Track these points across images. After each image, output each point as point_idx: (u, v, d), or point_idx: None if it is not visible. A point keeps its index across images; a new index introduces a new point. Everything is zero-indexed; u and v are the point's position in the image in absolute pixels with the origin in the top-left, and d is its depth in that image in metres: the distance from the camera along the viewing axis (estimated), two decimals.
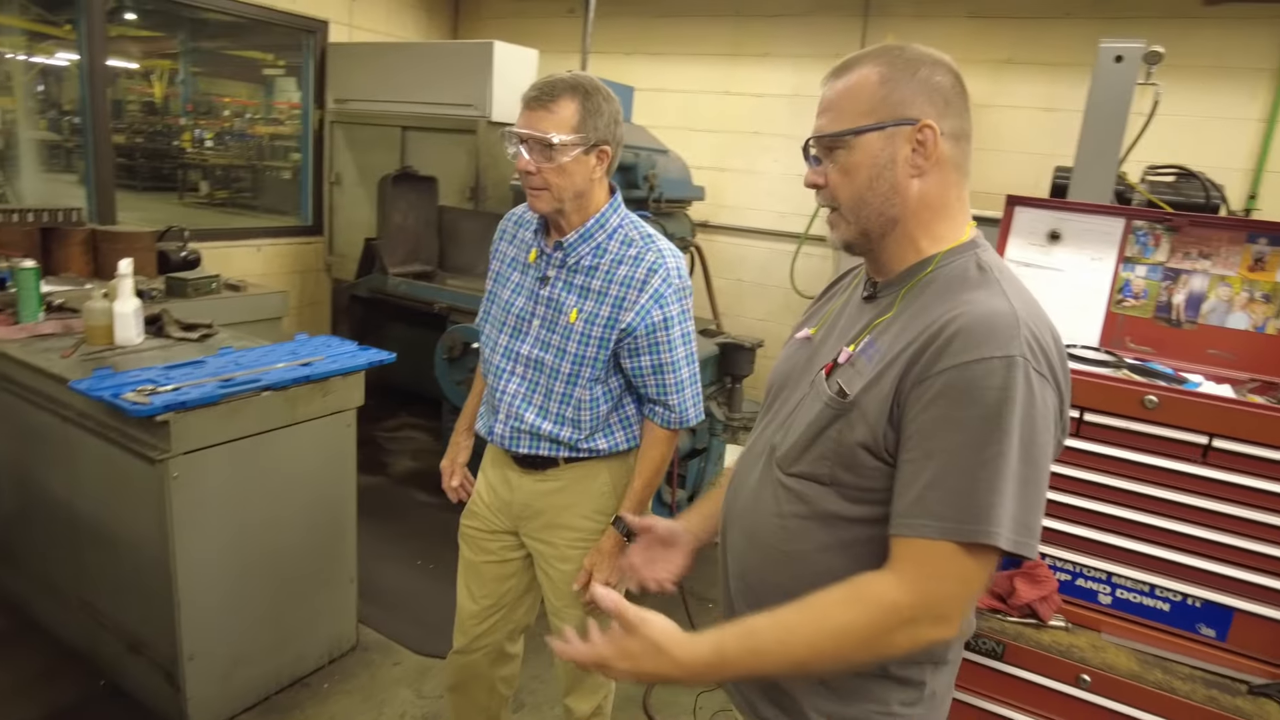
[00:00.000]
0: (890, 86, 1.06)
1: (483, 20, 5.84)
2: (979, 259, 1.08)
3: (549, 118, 1.62)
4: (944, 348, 0.97)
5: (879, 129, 1.06)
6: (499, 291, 1.88)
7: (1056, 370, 1.00)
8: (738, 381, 3.83)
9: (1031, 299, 1.04)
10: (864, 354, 1.09)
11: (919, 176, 1.07)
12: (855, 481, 1.05)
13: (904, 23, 4.38)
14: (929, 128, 1.05)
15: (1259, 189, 3.75)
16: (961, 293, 1.03)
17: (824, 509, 1.08)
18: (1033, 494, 0.95)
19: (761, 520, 1.16)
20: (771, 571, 1.15)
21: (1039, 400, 0.95)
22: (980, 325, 0.97)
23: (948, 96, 1.07)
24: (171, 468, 2.17)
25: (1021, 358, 0.94)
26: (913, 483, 0.97)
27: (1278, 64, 3.67)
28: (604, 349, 1.73)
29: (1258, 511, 1.55)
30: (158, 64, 13.06)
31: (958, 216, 1.11)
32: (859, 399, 1.04)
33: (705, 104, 5.06)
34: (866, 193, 1.08)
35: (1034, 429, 0.95)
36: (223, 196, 11.76)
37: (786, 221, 4.90)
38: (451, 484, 2.10)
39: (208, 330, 2.93)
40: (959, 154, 1.08)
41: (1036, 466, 0.95)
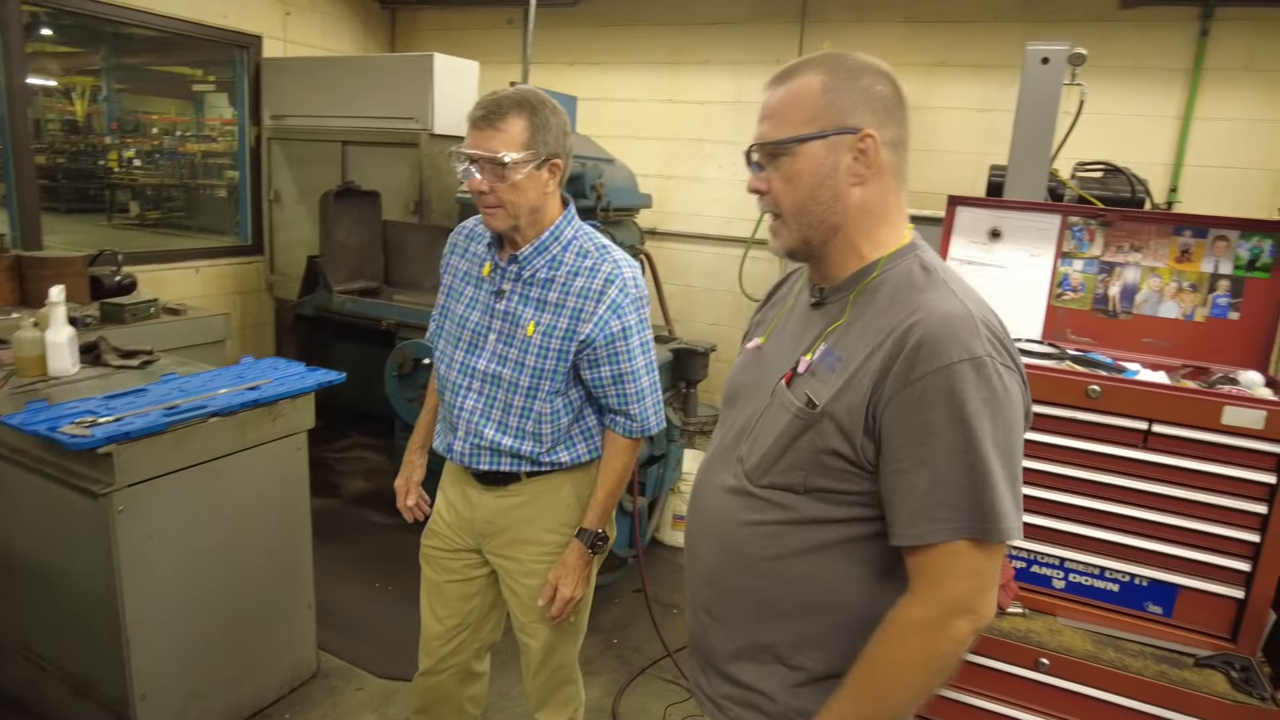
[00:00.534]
0: (833, 95, 1.08)
1: (421, 33, 5.78)
2: (921, 260, 1.11)
3: (498, 136, 1.61)
4: (913, 357, 1.00)
5: (822, 137, 1.07)
6: (452, 306, 1.86)
7: (1015, 358, 1.04)
8: (692, 386, 3.85)
9: (976, 294, 1.08)
10: (823, 362, 1.11)
11: (860, 185, 1.10)
12: (833, 486, 1.08)
13: (840, 28, 4.48)
14: (870, 137, 1.07)
15: (1179, 182, 3.93)
16: (912, 296, 1.06)
17: (801, 515, 1.10)
18: (1017, 480, 1.01)
19: (733, 530, 1.16)
20: (748, 577, 1.16)
21: (1010, 391, 1.00)
22: (942, 330, 1.00)
23: (888, 106, 1.09)
24: (116, 501, 2.09)
25: (987, 356, 0.99)
26: (909, 492, 1.01)
27: (1191, 64, 3.86)
28: (563, 361, 1.73)
29: (1196, 491, 1.63)
30: (79, 81, 12.58)
31: (897, 221, 1.14)
32: (829, 408, 1.06)
33: (649, 112, 5.10)
34: (809, 200, 1.10)
35: (1009, 419, 1.00)
36: (155, 217, 11.37)
37: (733, 226, 4.95)
38: (407, 503, 2.07)
39: (148, 357, 2.83)
40: (898, 162, 1.11)
41: (1016, 454, 1.01)
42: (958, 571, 0.99)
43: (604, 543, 1.84)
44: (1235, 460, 1.58)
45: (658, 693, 2.90)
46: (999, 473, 0.98)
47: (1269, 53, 3.74)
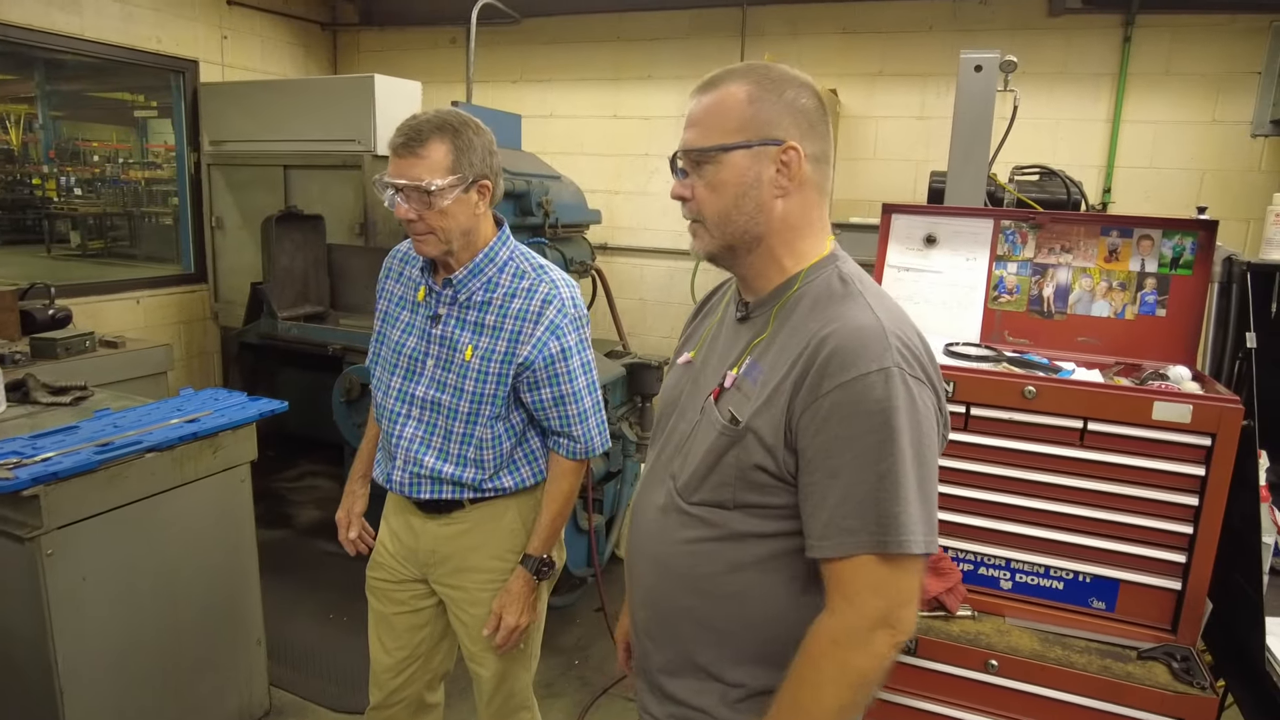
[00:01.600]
0: (758, 106, 1.08)
1: (362, 54, 5.72)
2: (840, 271, 1.12)
3: (420, 163, 1.58)
4: (824, 369, 1.00)
5: (746, 147, 1.08)
6: (388, 332, 1.83)
7: (929, 370, 1.04)
8: (648, 400, 3.85)
9: (894, 306, 1.09)
10: (748, 376, 1.11)
11: (783, 196, 1.10)
12: (760, 500, 1.08)
13: (778, 41, 4.54)
14: (794, 149, 1.07)
15: (1112, 183, 4.05)
16: (829, 308, 1.07)
17: (731, 530, 1.10)
18: (929, 493, 1.00)
19: (668, 549, 1.16)
20: (683, 596, 1.15)
21: (919, 403, 1.00)
22: (852, 342, 1.00)
23: (811, 119, 1.10)
24: (44, 545, 2.01)
25: (896, 367, 0.99)
26: (821, 504, 1.01)
27: (1117, 68, 3.98)
28: (503, 385, 1.70)
29: (1132, 487, 1.66)
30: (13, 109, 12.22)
31: (819, 233, 1.15)
32: (752, 423, 1.06)
33: (594, 128, 5.11)
34: (732, 210, 1.10)
35: (920, 431, 0.99)
36: (97, 247, 11.06)
37: (683, 240, 4.97)
38: (349, 536, 2.02)
39: (81, 393, 2.74)
40: (819, 175, 1.12)
41: (928, 466, 1.00)
42: (870, 585, 0.98)
43: (549, 568, 1.81)
44: (1167, 454, 1.62)
45: (621, 712, 2.87)
46: (909, 484, 0.97)
47: (1186, 56, 3.89)
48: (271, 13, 5.24)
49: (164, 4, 4.58)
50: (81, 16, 4.17)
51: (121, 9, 4.36)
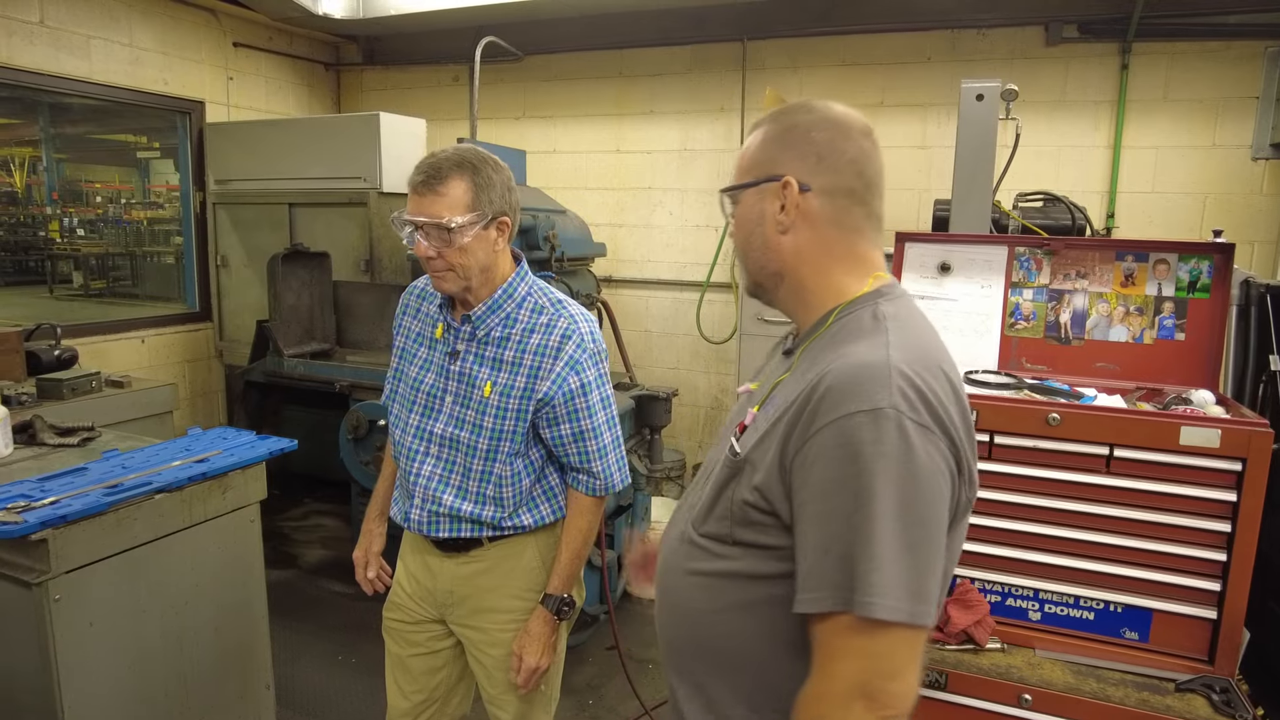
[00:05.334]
0: (766, 146, 1.10)
1: (366, 93, 5.79)
2: (876, 310, 1.04)
3: (440, 201, 1.57)
4: (817, 407, 0.94)
5: (752, 185, 1.10)
6: (405, 368, 1.81)
7: (945, 418, 0.93)
8: (656, 432, 3.82)
9: (923, 344, 1.00)
10: (764, 411, 1.08)
11: (785, 233, 1.09)
12: (755, 539, 1.03)
13: (778, 75, 4.59)
14: (788, 184, 1.06)
15: (1115, 208, 4.07)
16: (844, 344, 1.01)
17: (731, 567, 1.06)
18: (921, 557, 0.89)
19: (677, 579, 1.14)
20: (688, 632, 1.12)
21: (919, 453, 0.89)
22: (847, 379, 0.93)
23: (822, 152, 1.06)
24: (52, 590, 1.97)
25: (891, 409, 0.89)
26: (804, 553, 0.94)
27: (1115, 95, 4.02)
28: (522, 421, 1.68)
29: (1161, 514, 1.63)
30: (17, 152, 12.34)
31: (853, 269, 1.09)
32: (749, 456, 1.03)
33: (597, 163, 5.14)
34: (746, 247, 1.13)
35: (915, 486, 0.89)
36: (99, 287, 11.09)
37: (687, 271, 4.99)
38: (367, 575, 1.98)
39: (88, 433, 2.71)
40: (836, 210, 1.07)
41: (923, 526, 0.90)
42: (845, 649, 0.90)
43: (570, 608, 1.77)
44: (1196, 480, 1.59)
45: None
46: (885, 542, 0.87)
47: (1184, 82, 3.93)
48: (276, 54, 5.31)
49: (171, 47, 4.64)
50: (90, 61, 4.22)
51: (129, 53, 4.41)
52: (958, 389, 0.99)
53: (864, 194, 1.08)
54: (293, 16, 4.83)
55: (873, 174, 1.09)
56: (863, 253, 1.10)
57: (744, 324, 4.11)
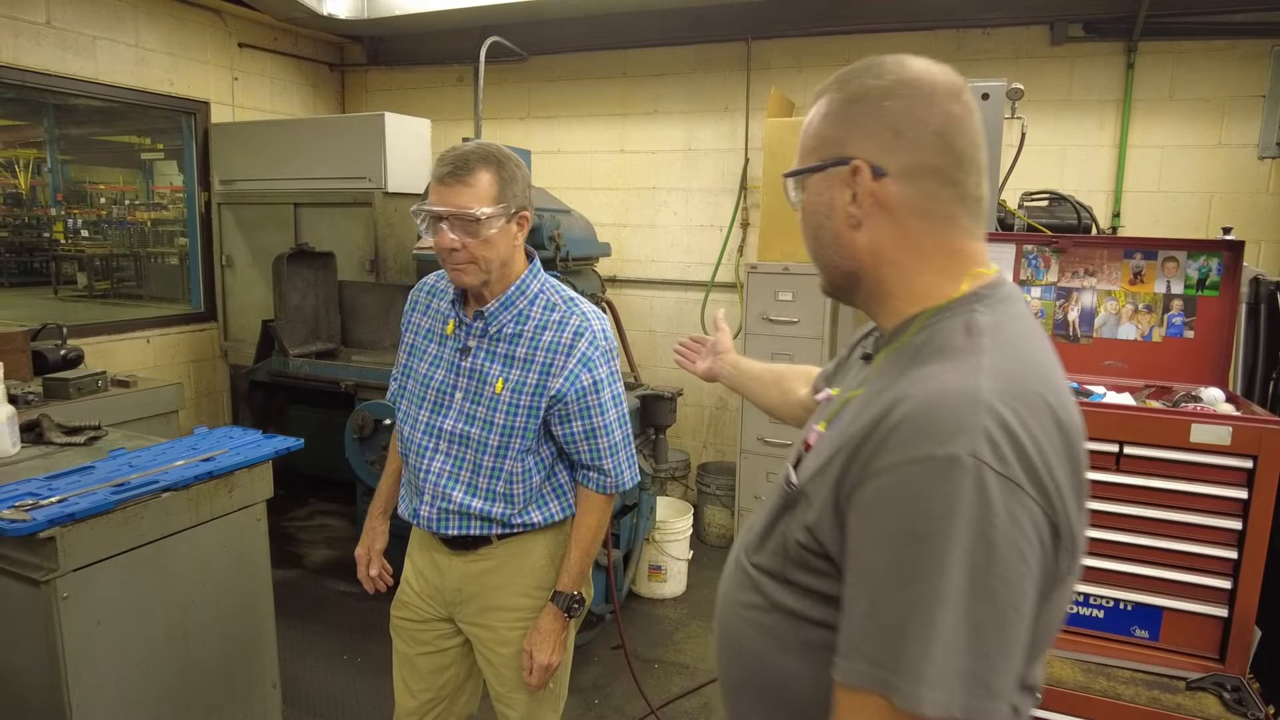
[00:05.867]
0: (830, 121, 0.93)
1: (370, 93, 5.79)
2: (971, 320, 0.86)
3: (468, 192, 1.57)
4: (884, 441, 0.78)
5: (817, 170, 0.93)
6: (415, 365, 1.81)
7: (1040, 469, 0.75)
8: (661, 432, 3.82)
9: (1026, 368, 0.82)
10: (831, 431, 0.92)
11: (858, 227, 0.91)
12: (809, 583, 0.89)
13: (783, 74, 4.59)
14: (859, 167, 0.89)
15: (1120, 208, 4.06)
16: (927, 363, 0.84)
17: (783, 605, 0.93)
18: (991, 641, 0.72)
19: (729, 609, 1.02)
20: (738, 669, 1.00)
21: (999, 514, 0.73)
22: (924, 412, 0.77)
23: (898, 125, 0.88)
24: (60, 588, 1.97)
25: (971, 457, 0.73)
26: (850, 612, 0.80)
27: (1121, 95, 4.01)
28: (533, 418, 1.68)
29: (1172, 511, 1.63)
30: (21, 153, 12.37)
31: (946, 269, 0.90)
32: (806, 488, 0.89)
33: (602, 163, 5.14)
34: (815, 242, 0.96)
35: (993, 553, 0.72)
36: (104, 288, 11.12)
37: (692, 271, 4.98)
38: (369, 573, 1.98)
39: (95, 432, 2.72)
40: (920, 195, 0.88)
41: (995, 603, 0.73)
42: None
43: (580, 605, 1.77)
44: (1207, 478, 1.59)
45: None
46: (948, 621, 0.72)
47: (1189, 81, 3.92)
48: (281, 54, 5.32)
49: (176, 47, 4.65)
50: (96, 61, 4.23)
51: (135, 53, 4.42)
52: (1066, 429, 0.80)
53: (954, 172, 0.88)
54: (297, 17, 4.84)
55: (964, 146, 0.88)
56: (957, 245, 0.91)
57: (749, 323, 4.11)
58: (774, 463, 4.08)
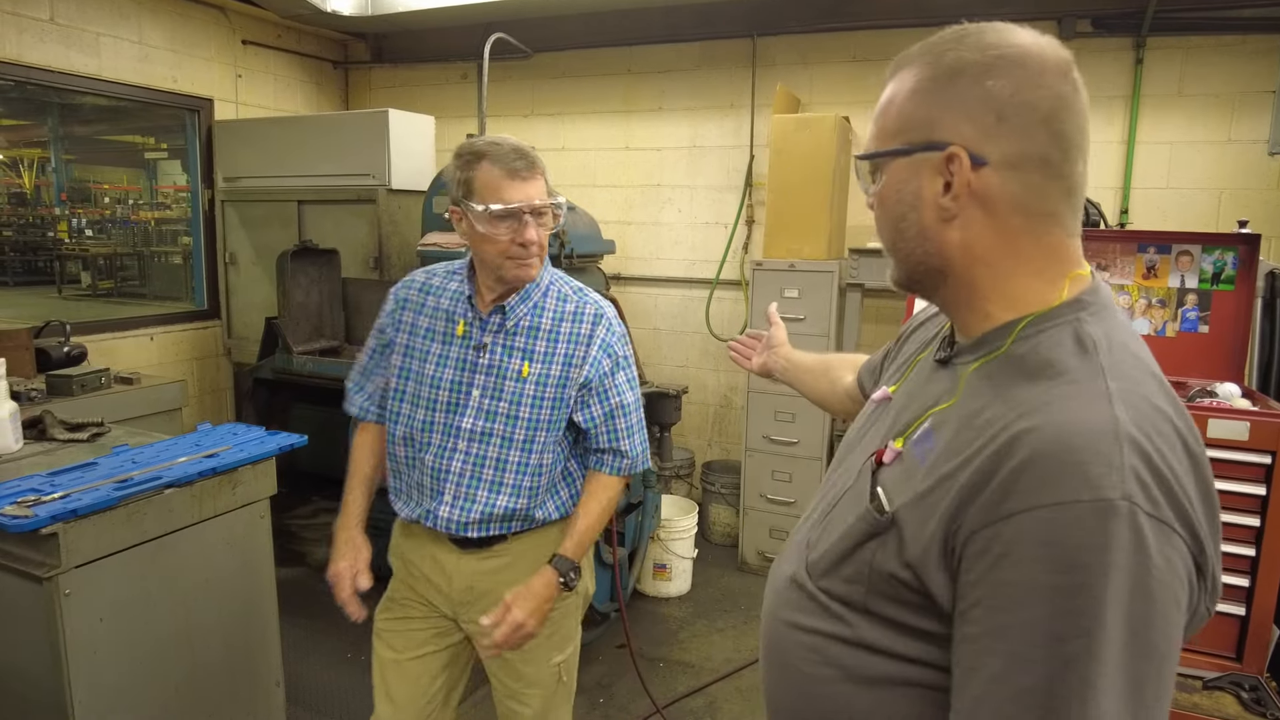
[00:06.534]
0: (920, 99, 0.83)
1: (374, 90, 5.78)
2: (1079, 331, 0.78)
3: (540, 183, 1.59)
4: (1012, 482, 0.70)
5: (904, 154, 0.83)
6: (414, 366, 1.75)
7: (1187, 506, 0.70)
8: (666, 430, 3.80)
9: (1147, 390, 0.75)
10: (917, 449, 0.83)
11: (951, 221, 0.82)
12: (898, 616, 0.81)
13: (790, 71, 4.57)
14: (956, 155, 0.79)
15: (1129, 204, 4.03)
16: (1040, 387, 0.75)
17: (856, 636, 0.84)
18: (1153, 697, 0.68)
19: (785, 631, 0.94)
20: (789, 693, 0.93)
21: (1155, 561, 0.67)
22: (1061, 450, 0.69)
23: (1003, 109, 0.78)
24: (63, 584, 1.96)
25: (1125, 501, 0.66)
26: (975, 671, 0.72)
27: (1129, 90, 3.98)
28: (560, 409, 1.67)
29: None
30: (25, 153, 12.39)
31: (1046, 271, 0.81)
32: (901, 515, 0.80)
33: (606, 160, 5.12)
34: (895, 234, 0.87)
35: (1150, 605, 0.67)
36: (107, 287, 11.15)
37: (696, 269, 4.96)
38: (361, 587, 1.78)
39: (98, 429, 2.70)
40: (1024, 189, 0.79)
41: (1154, 657, 0.67)
42: None
43: (576, 576, 1.72)
44: (1224, 474, 1.56)
45: None
46: (1111, 683, 0.65)
47: (1199, 77, 3.89)
48: (285, 51, 5.31)
49: (180, 45, 4.64)
50: (99, 58, 4.22)
51: (138, 50, 4.41)
52: (1197, 459, 0.74)
53: (1062, 163, 0.79)
54: (301, 14, 4.83)
55: (1073, 132, 0.79)
56: (1057, 244, 0.82)
57: (753, 321, 4.09)
58: (778, 461, 4.06)
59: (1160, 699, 0.68)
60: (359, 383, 1.87)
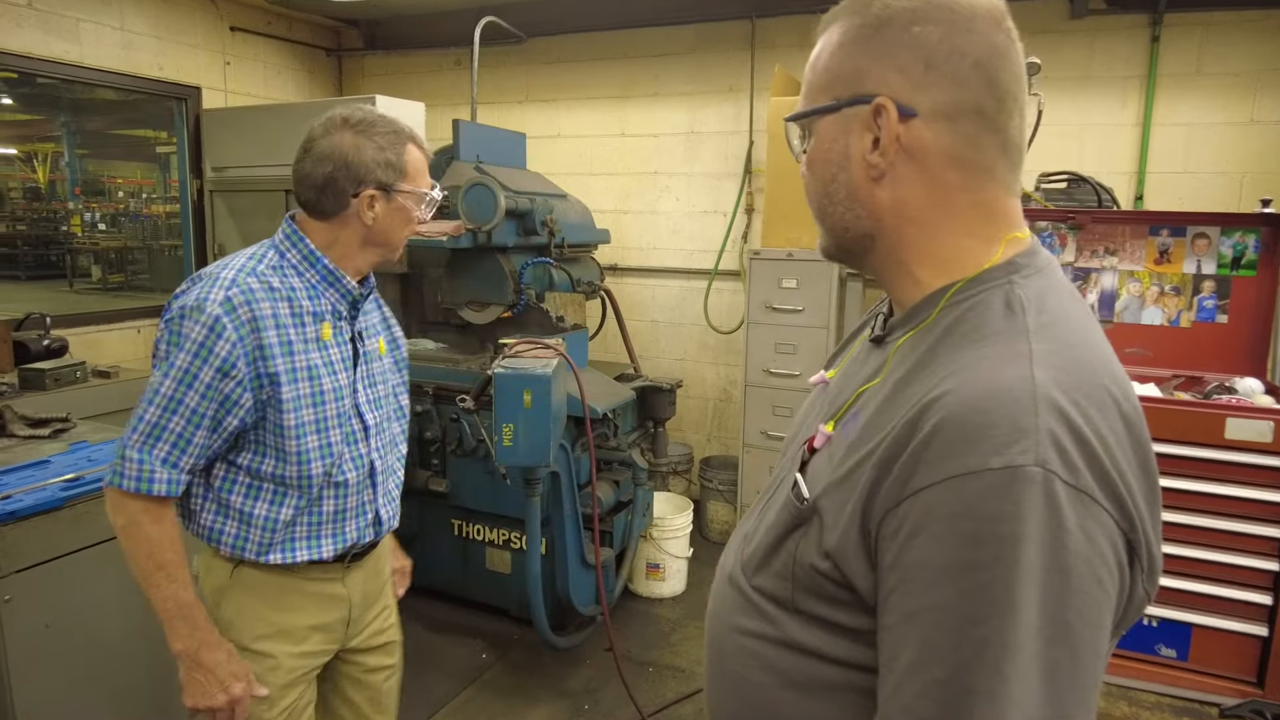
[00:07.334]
0: (846, 51, 0.78)
1: (368, 78, 5.66)
2: (1009, 294, 0.73)
3: None
4: (921, 451, 0.65)
5: (830, 111, 0.78)
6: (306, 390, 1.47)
7: (1115, 477, 0.64)
8: (660, 425, 3.68)
9: (1082, 353, 0.69)
10: (844, 431, 0.78)
11: (881, 179, 0.77)
12: (827, 614, 0.75)
13: (790, 53, 4.41)
14: (883, 106, 0.74)
15: (1143, 190, 3.85)
16: (962, 350, 0.70)
17: (790, 637, 0.78)
18: (1069, 688, 0.61)
19: (724, 633, 0.87)
20: (731, 698, 0.86)
21: (1073, 534, 0.61)
22: (971, 413, 0.64)
23: (931, 56, 0.73)
24: (2, 590, 1.86)
25: (1038, 467, 0.61)
26: (890, 664, 0.67)
27: (1145, 70, 3.80)
28: (401, 369, 1.75)
29: (1203, 517, 1.46)
30: (39, 148, 12.40)
31: (979, 230, 0.76)
32: (821, 503, 0.75)
33: (601, 147, 4.99)
34: (823, 198, 0.82)
35: (1067, 583, 0.61)
36: (118, 280, 11.14)
37: (694, 259, 4.82)
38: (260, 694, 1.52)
39: (62, 424, 2.60)
40: (957, 140, 0.74)
41: (1074, 642, 0.61)
42: None
43: None
44: (1244, 479, 1.42)
45: None
46: (1022, 670, 0.60)
47: (1218, 55, 3.71)
48: (275, 38, 5.19)
49: (165, 31, 4.53)
50: (80, 45, 4.12)
51: (121, 37, 4.30)
52: (1134, 426, 0.68)
53: (996, 113, 0.75)
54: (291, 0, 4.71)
55: (1008, 81, 0.75)
56: (993, 201, 0.77)
57: (751, 313, 3.94)
58: (777, 457, 3.91)
59: (1076, 690, 0.61)
60: (169, 456, 1.40)
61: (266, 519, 1.48)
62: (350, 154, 1.44)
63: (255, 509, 1.47)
